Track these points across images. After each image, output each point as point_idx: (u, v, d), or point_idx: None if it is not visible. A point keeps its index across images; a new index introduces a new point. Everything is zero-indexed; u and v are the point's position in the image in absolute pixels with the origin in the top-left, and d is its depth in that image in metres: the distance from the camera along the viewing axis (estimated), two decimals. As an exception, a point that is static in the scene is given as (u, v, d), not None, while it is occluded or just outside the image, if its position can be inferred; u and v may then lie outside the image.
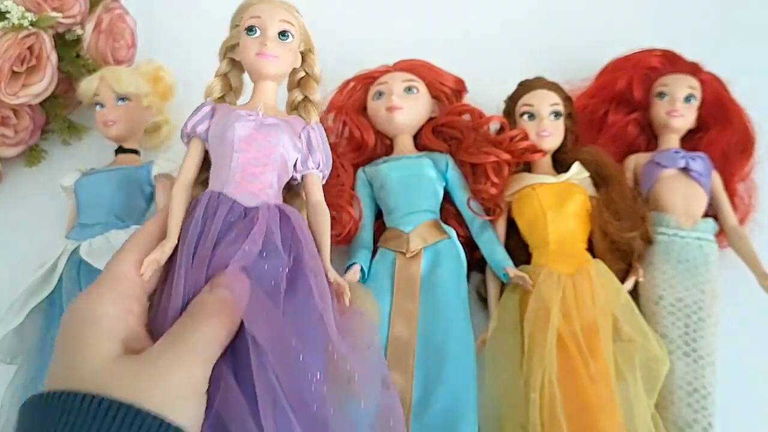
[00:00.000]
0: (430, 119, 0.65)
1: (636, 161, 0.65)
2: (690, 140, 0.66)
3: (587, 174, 0.62)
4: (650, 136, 0.68)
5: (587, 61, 0.71)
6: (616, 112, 0.68)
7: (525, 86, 0.65)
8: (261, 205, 0.41)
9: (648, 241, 0.60)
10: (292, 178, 0.46)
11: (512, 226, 0.62)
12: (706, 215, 0.62)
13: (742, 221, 0.64)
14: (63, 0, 0.65)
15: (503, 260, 0.58)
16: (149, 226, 0.41)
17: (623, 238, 0.58)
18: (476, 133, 0.62)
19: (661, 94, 0.65)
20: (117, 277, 0.37)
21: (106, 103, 0.62)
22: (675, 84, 0.65)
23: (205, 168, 0.45)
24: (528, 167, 0.64)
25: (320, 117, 0.49)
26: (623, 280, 0.58)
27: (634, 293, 0.59)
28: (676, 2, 0.81)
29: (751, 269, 0.59)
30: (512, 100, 0.65)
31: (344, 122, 0.67)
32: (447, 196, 0.62)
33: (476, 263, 0.61)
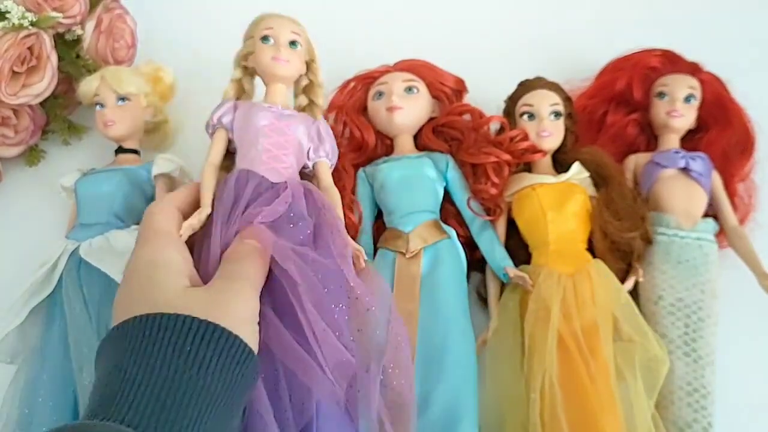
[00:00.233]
0: (431, 119, 0.65)
1: (636, 161, 0.65)
2: (690, 140, 0.66)
3: (587, 174, 0.62)
4: (650, 136, 0.68)
5: (587, 61, 0.71)
6: (616, 113, 0.68)
7: (525, 86, 0.65)
8: (288, 179, 0.49)
9: (648, 241, 0.60)
10: (304, 166, 0.53)
11: (512, 226, 0.62)
12: (706, 215, 0.62)
13: (742, 221, 0.64)
14: (63, 0, 0.65)
15: (503, 260, 0.58)
16: (184, 191, 0.48)
17: (623, 238, 0.58)
18: (476, 134, 0.62)
19: (661, 94, 0.65)
20: (167, 232, 0.43)
21: (106, 103, 0.62)
22: (675, 84, 0.65)
23: (226, 157, 0.53)
24: (528, 167, 0.64)
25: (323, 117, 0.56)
26: (623, 280, 0.58)
27: (634, 293, 0.59)
28: (676, 2, 0.81)
29: (751, 269, 0.59)
30: (512, 100, 0.65)
31: (344, 122, 0.67)
32: (447, 196, 0.62)
33: (476, 263, 0.61)
